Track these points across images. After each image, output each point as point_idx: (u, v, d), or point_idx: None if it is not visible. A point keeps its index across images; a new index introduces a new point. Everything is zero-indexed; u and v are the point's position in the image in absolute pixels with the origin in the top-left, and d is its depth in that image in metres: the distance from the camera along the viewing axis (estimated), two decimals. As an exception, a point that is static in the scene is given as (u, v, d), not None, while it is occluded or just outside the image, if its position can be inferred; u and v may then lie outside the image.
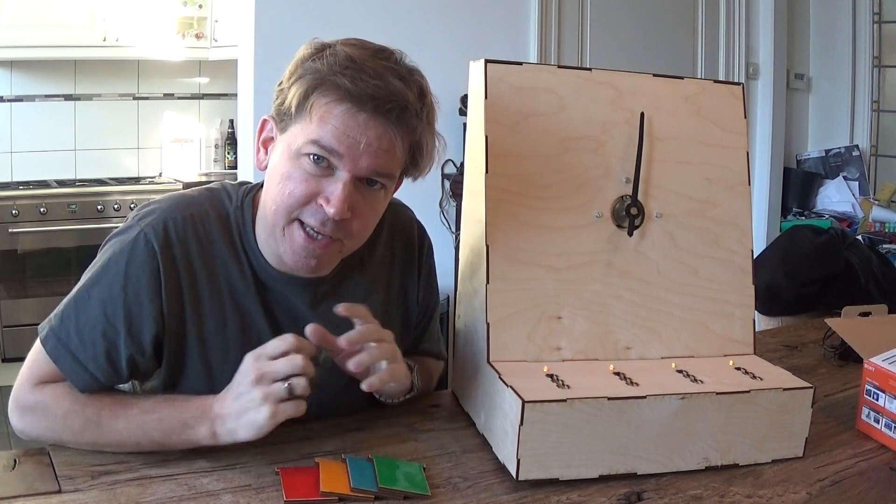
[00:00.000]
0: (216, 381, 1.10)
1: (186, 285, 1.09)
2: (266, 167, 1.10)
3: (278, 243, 1.08)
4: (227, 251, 1.11)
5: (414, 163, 1.08)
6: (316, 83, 1.00)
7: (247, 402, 0.98)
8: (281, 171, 1.04)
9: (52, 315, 1.09)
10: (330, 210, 1.02)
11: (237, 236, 1.13)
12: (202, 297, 1.10)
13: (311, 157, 1.02)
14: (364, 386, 1.04)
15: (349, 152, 1.00)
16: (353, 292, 1.19)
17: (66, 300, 1.08)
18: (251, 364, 0.99)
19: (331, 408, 1.20)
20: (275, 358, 0.99)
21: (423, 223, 1.31)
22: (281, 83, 1.06)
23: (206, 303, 1.10)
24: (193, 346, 1.10)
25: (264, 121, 1.10)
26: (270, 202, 1.06)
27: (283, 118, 1.05)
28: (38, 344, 1.09)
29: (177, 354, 1.11)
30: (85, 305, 1.06)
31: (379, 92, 0.99)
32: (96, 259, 1.10)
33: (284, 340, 1.00)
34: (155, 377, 1.13)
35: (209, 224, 1.11)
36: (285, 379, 0.97)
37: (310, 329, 1.02)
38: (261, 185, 1.15)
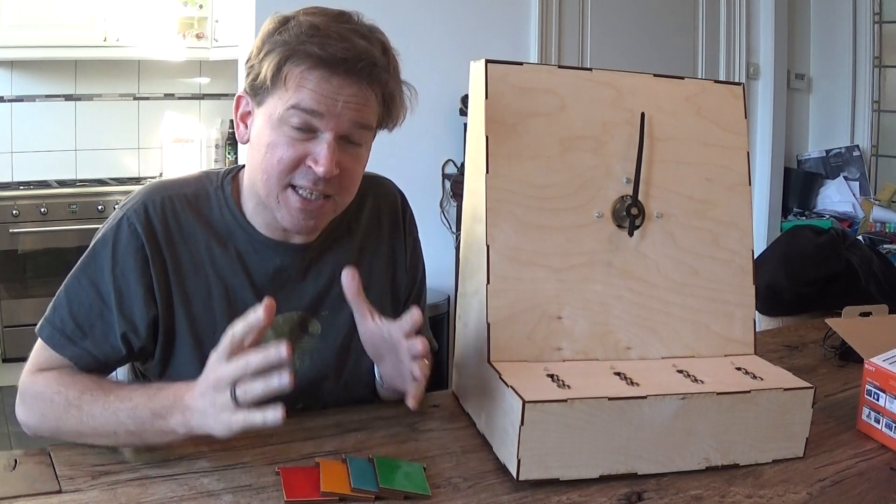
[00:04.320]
0: (206, 355, 1.11)
1: (171, 263, 1.13)
2: (248, 140, 1.15)
3: (274, 210, 1.12)
4: (207, 227, 1.16)
5: (388, 112, 1.14)
6: (287, 54, 1.05)
7: (208, 405, 0.96)
8: (266, 142, 1.09)
9: (46, 310, 1.13)
10: (319, 169, 1.06)
11: (218, 212, 1.17)
12: (186, 273, 1.14)
13: (294, 122, 1.06)
14: (410, 403, 1.06)
15: (329, 112, 1.06)
16: (341, 258, 1.21)
17: (56, 294, 1.13)
18: (211, 364, 0.98)
19: (331, 397, 1.21)
20: (229, 356, 0.96)
21: (423, 223, 1.33)
22: (250, 60, 1.11)
23: (191, 278, 1.14)
24: (182, 322, 1.14)
25: (239, 97, 1.15)
26: (260, 172, 1.10)
27: (259, 92, 1.10)
28: (38, 338, 1.13)
29: (168, 332, 1.14)
30: (76, 291, 1.11)
31: (348, 53, 1.05)
32: (84, 253, 1.14)
33: (228, 336, 0.97)
34: (153, 357, 1.16)
35: (187, 203, 1.16)
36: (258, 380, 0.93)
37: (265, 303, 0.96)
38: (241, 167, 1.20)
